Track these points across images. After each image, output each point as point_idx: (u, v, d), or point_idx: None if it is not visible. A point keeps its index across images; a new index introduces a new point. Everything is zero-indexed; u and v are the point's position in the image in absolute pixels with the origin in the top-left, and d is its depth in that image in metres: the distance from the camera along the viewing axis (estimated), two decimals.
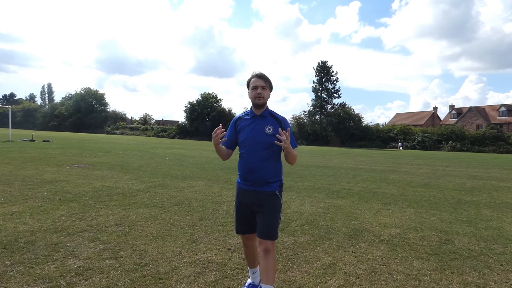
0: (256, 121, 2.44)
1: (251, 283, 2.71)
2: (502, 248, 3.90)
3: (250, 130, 2.43)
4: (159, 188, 6.83)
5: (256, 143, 2.39)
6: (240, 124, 2.52)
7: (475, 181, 10.29)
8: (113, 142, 26.88)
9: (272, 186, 2.42)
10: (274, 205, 2.40)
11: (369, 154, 25.34)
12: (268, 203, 2.39)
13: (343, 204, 6.08)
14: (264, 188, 2.40)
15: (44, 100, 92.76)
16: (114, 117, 66.59)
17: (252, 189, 2.42)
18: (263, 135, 2.39)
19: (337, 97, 48.43)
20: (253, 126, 2.43)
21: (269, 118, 2.45)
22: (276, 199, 2.42)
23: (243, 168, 2.44)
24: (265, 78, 2.43)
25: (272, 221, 2.38)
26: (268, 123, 2.42)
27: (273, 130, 2.37)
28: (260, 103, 2.40)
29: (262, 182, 2.39)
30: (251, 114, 2.49)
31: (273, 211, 2.39)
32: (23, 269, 2.85)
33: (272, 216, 2.38)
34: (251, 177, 2.41)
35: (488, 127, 43.84)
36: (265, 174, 2.39)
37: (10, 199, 5.28)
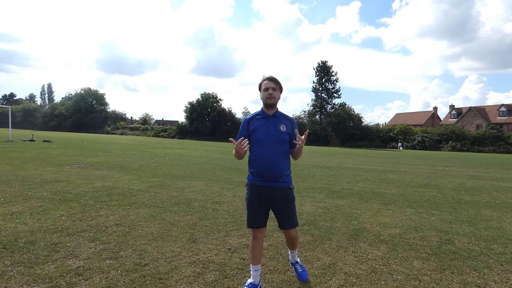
0: (270, 120, 2.63)
1: (252, 283, 2.66)
2: (502, 248, 3.90)
3: (266, 129, 2.60)
4: (159, 188, 6.83)
5: (273, 141, 2.58)
6: (253, 124, 2.67)
7: (475, 181, 10.29)
8: (113, 142, 26.88)
9: (287, 180, 2.67)
10: (291, 198, 2.68)
11: (369, 154, 25.34)
12: (286, 197, 2.65)
13: (343, 204, 6.08)
14: (280, 184, 2.62)
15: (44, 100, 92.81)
16: (114, 117, 66.56)
17: (268, 185, 2.60)
18: (278, 133, 2.60)
19: (337, 97, 48.44)
20: (268, 125, 2.61)
21: (280, 118, 2.67)
22: (292, 193, 2.71)
23: (260, 165, 2.58)
24: (276, 80, 2.64)
25: (293, 212, 2.70)
26: (281, 122, 2.64)
27: (287, 129, 2.63)
28: (271, 103, 2.60)
29: (279, 177, 2.59)
30: (263, 114, 2.67)
31: (291, 203, 2.68)
32: (23, 269, 2.85)
33: (293, 208, 2.69)
34: (270, 173, 2.57)
35: (488, 127, 43.83)
36: (282, 169, 2.61)
37: (10, 199, 5.28)
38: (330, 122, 46.30)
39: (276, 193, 2.61)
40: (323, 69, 47.96)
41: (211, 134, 48.37)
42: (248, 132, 2.67)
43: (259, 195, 2.64)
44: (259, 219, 2.66)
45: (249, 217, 2.69)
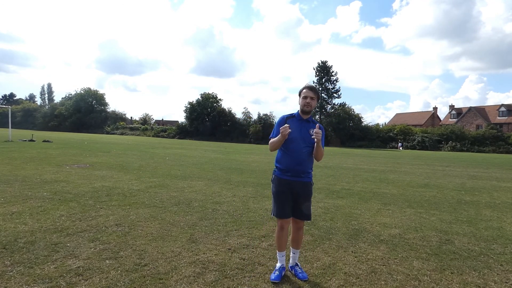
0: (303, 124, 2.97)
1: (282, 266, 3.01)
2: (502, 248, 3.90)
3: (299, 130, 2.93)
4: (159, 188, 6.83)
5: (304, 141, 2.91)
6: (289, 122, 2.95)
7: (475, 181, 10.29)
8: (113, 142, 26.88)
9: (309, 176, 3.01)
10: (310, 192, 3.04)
11: (369, 154, 25.34)
12: (307, 191, 2.99)
13: (343, 204, 6.08)
14: (304, 179, 2.97)
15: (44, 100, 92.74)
16: (114, 117, 66.52)
17: (295, 179, 2.93)
18: (308, 136, 2.93)
19: (337, 97, 48.48)
20: (301, 127, 2.95)
21: (311, 124, 3.00)
22: (311, 187, 3.05)
23: (291, 162, 2.93)
24: (315, 90, 2.97)
25: (309, 205, 3.05)
26: (312, 127, 2.95)
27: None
28: (307, 110, 2.95)
29: (304, 173, 2.95)
30: (299, 117, 3.01)
31: (310, 197, 3.04)
32: (23, 269, 2.85)
33: (309, 201, 3.04)
34: (297, 168, 2.92)
35: (488, 127, 43.84)
36: (307, 166, 2.97)
37: (10, 199, 5.28)
38: (330, 122, 46.31)
39: (300, 187, 2.94)
40: (323, 69, 47.99)
41: (211, 134, 48.34)
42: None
43: (285, 188, 2.95)
44: (286, 209, 2.97)
45: (277, 208, 2.99)
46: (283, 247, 3.05)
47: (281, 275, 2.93)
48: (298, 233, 3.10)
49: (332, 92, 48.27)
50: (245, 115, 51.55)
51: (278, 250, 3.05)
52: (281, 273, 2.94)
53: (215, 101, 51.83)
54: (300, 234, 3.11)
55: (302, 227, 3.11)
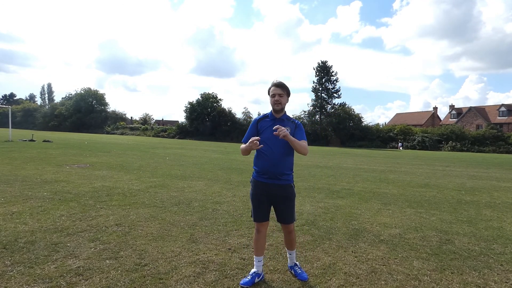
0: (276, 123, 2.77)
1: (255, 272, 2.87)
2: (502, 248, 3.90)
3: (272, 131, 2.71)
4: (159, 188, 6.83)
5: (277, 142, 2.73)
6: (261, 124, 2.89)
7: (475, 181, 10.29)
8: (113, 142, 26.88)
9: (288, 178, 2.85)
10: (291, 196, 2.88)
11: (369, 154, 25.34)
12: (287, 194, 2.85)
13: (343, 204, 6.08)
14: (282, 181, 2.81)
15: (44, 100, 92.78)
16: (114, 117, 66.50)
17: (271, 182, 2.80)
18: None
19: (337, 97, 48.44)
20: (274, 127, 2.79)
21: (286, 122, 2.84)
22: (292, 190, 2.90)
23: (265, 164, 2.79)
24: (282, 86, 2.81)
25: (291, 208, 2.90)
26: (286, 125, 2.79)
27: (291, 131, 2.77)
28: (278, 108, 2.81)
29: (281, 175, 2.79)
30: (272, 117, 2.87)
31: (291, 200, 2.89)
32: (23, 269, 2.85)
33: (290, 204, 2.89)
34: (272, 170, 2.78)
35: (488, 127, 43.82)
36: (283, 167, 2.80)
37: (10, 199, 5.28)
38: (330, 122, 46.30)
39: (277, 190, 2.82)
40: (323, 69, 47.96)
41: (211, 134, 48.33)
42: (256, 132, 2.90)
43: (262, 191, 2.85)
44: (262, 213, 2.88)
45: (254, 211, 2.91)
46: (260, 251, 2.90)
47: (253, 281, 2.77)
48: (289, 237, 3.00)
49: (332, 92, 48.24)
50: (245, 115, 51.58)
51: (255, 255, 2.91)
52: (253, 280, 2.79)
53: (215, 101, 51.82)
54: (292, 237, 3.00)
55: (292, 230, 2.98)
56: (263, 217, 2.88)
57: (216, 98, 52.30)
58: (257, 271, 2.87)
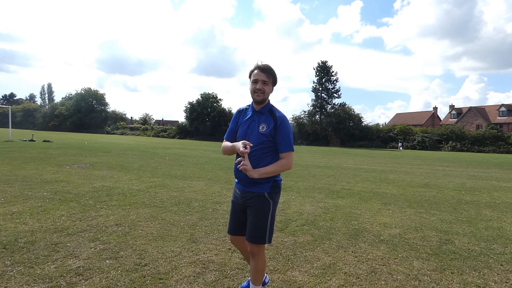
0: (254, 117, 2.28)
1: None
2: (502, 248, 3.90)
3: (246, 127, 2.29)
4: (159, 188, 6.83)
5: (249, 140, 2.21)
6: (240, 118, 2.38)
7: (475, 181, 10.29)
8: (113, 142, 26.88)
9: (262, 187, 2.24)
10: (261, 208, 2.24)
11: (369, 154, 25.34)
12: (256, 205, 2.24)
13: (343, 204, 6.08)
14: (253, 189, 2.25)
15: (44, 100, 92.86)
16: (114, 117, 66.47)
17: (242, 188, 2.31)
18: (256, 133, 2.23)
19: (337, 97, 48.40)
20: (250, 122, 2.29)
21: (266, 115, 2.25)
22: (264, 201, 2.24)
23: (235, 165, 2.25)
24: (269, 71, 2.22)
25: (258, 224, 2.23)
26: (264, 121, 2.23)
27: (267, 129, 2.21)
28: (259, 99, 2.22)
29: (250, 181, 2.22)
30: (251, 108, 2.32)
31: (260, 214, 2.24)
32: (23, 269, 2.85)
33: (258, 219, 2.23)
34: (240, 175, 2.25)
35: (488, 127, 43.81)
36: None
37: (10, 199, 5.28)
38: (330, 122, 46.27)
39: (246, 197, 2.28)
40: (323, 69, 47.94)
41: (211, 134, 48.31)
42: (236, 125, 2.40)
43: (235, 198, 2.40)
44: (233, 224, 2.42)
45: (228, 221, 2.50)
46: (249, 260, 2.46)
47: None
48: (252, 261, 2.29)
49: (332, 92, 48.21)
50: None
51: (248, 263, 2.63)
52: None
53: (215, 101, 51.80)
54: (255, 263, 2.28)
55: (256, 253, 2.25)
56: (234, 229, 2.41)
57: (216, 98, 52.29)
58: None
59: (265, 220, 2.24)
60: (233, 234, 2.45)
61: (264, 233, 2.24)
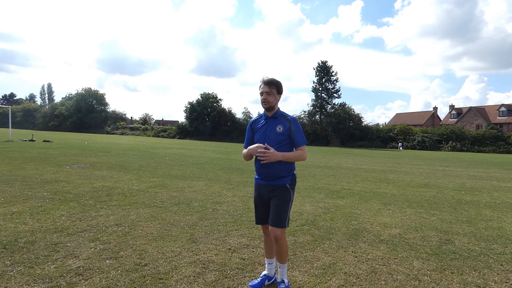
0: (269, 122, 2.73)
1: (266, 274, 2.84)
2: (502, 248, 3.90)
3: (263, 131, 2.73)
4: (159, 188, 6.83)
5: (269, 141, 2.65)
6: (255, 126, 2.83)
7: (475, 181, 10.29)
8: (113, 142, 26.88)
9: (284, 179, 2.69)
10: (284, 197, 2.67)
11: (369, 154, 25.34)
12: (279, 195, 2.67)
13: (343, 204, 6.08)
14: (276, 182, 2.67)
15: (44, 100, 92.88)
16: (114, 117, 66.50)
17: (266, 183, 2.70)
18: (274, 134, 2.67)
19: (337, 97, 48.39)
20: (266, 126, 2.73)
21: (280, 118, 2.72)
22: (287, 191, 2.69)
23: (259, 165, 2.70)
24: (271, 83, 2.68)
25: (281, 211, 2.63)
26: (279, 123, 2.69)
27: (283, 129, 2.67)
28: (265, 107, 2.70)
29: (275, 177, 2.66)
30: (264, 116, 2.79)
31: (283, 202, 2.65)
32: (23, 269, 2.85)
33: (281, 206, 2.64)
34: (265, 171, 2.67)
35: (488, 127, 43.81)
36: (277, 169, 2.65)
37: (10, 199, 5.28)
38: (330, 122, 46.27)
39: (271, 190, 2.70)
40: (323, 69, 47.94)
41: (211, 134, 48.33)
42: (252, 133, 2.86)
43: (258, 192, 2.80)
44: (262, 215, 2.80)
45: (255, 214, 2.87)
46: (270, 254, 2.84)
47: (262, 283, 2.75)
48: (277, 245, 2.66)
49: (332, 92, 48.19)
50: (245, 115, 51.55)
51: (265, 257, 2.90)
52: (263, 282, 2.76)
53: (215, 101, 51.82)
54: (280, 245, 2.64)
55: (280, 237, 2.61)
56: (262, 220, 2.80)
57: (216, 98, 52.31)
58: (268, 274, 2.83)
59: (286, 207, 2.67)
60: (263, 224, 2.82)
61: (286, 218, 2.66)
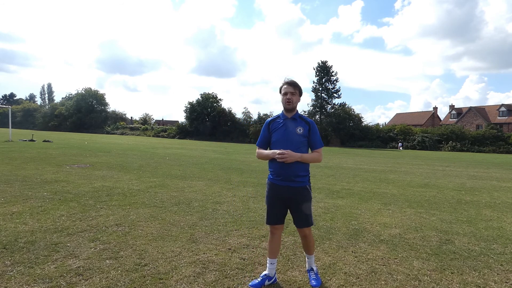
0: (288, 123, 2.77)
1: (267, 274, 2.83)
2: (502, 248, 3.90)
3: (283, 131, 2.76)
4: (159, 188, 6.83)
5: (289, 142, 2.70)
6: (272, 126, 2.84)
7: (475, 181, 10.29)
8: (113, 142, 26.88)
9: (304, 181, 2.76)
10: (306, 198, 2.78)
11: (369, 154, 25.34)
12: (302, 197, 2.76)
13: (343, 204, 6.08)
14: (296, 184, 2.73)
15: (44, 100, 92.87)
16: (114, 117, 66.49)
17: (285, 184, 2.73)
18: (295, 135, 2.73)
19: (337, 97, 48.39)
20: (286, 127, 2.76)
21: (299, 120, 2.79)
22: (307, 192, 2.79)
23: (277, 165, 2.72)
24: (295, 84, 2.77)
25: (306, 212, 2.79)
26: (299, 125, 2.76)
27: (303, 131, 2.75)
28: (289, 107, 2.75)
29: (294, 177, 2.72)
30: (283, 117, 2.81)
31: (306, 203, 2.78)
32: (23, 269, 2.85)
33: (306, 208, 2.78)
34: (285, 172, 2.70)
35: (488, 127, 43.79)
36: (296, 169, 2.71)
37: (10, 199, 5.28)
38: (330, 122, 46.26)
39: (291, 192, 2.73)
40: (323, 69, 47.94)
41: (211, 134, 48.32)
42: (269, 133, 2.86)
43: (276, 193, 2.79)
44: (276, 216, 2.82)
45: (268, 214, 2.87)
46: (273, 253, 2.86)
47: (262, 283, 2.75)
48: (306, 240, 2.91)
49: (332, 92, 48.18)
50: (245, 115, 51.52)
51: (268, 256, 2.89)
52: (263, 282, 2.76)
53: (215, 101, 51.80)
54: (308, 240, 2.90)
55: (308, 234, 2.87)
56: (276, 220, 2.82)
57: (216, 98, 52.28)
58: (268, 274, 2.83)
59: (310, 207, 2.83)
60: (275, 224, 2.85)
61: (311, 217, 2.85)
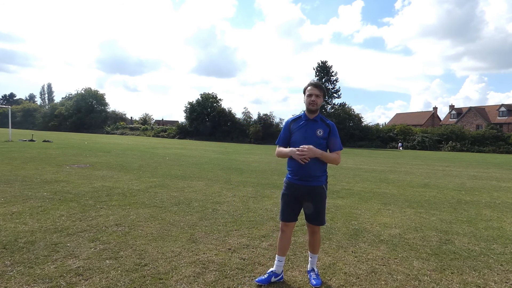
0: (309, 124, 2.82)
1: (273, 271, 2.86)
2: (502, 248, 3.90)
3: (303, 132, 2.81)
4: (159, 188, 6.83)
5: (307, 143, 2.73)
6: (293, 126, 2.89)
7: (475, 181, 10.29)
8: (113, 142, 26.87)
9: (320, 180, 2.84)
10: (321, 197, 2.85)
11: (369, 154, 25.33)
12: (317, 195, 2.82)
13: (343, 204, 6.08)
14: (313, 183, 2.80)
15: (43, 100, 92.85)
16: (114, 117, 66.46)
17: (302, 184, 2.79)
18: (314, 137, 2.79)
19: (337, 97, 48.38)
20: (306, 128, 2.82)
21: (320, 122, 2.84)
22: (323, 191, 2.87)
23: (296, 165, 2.77)
24: (320, 87, 2.82)
25: (320, 210, 2.86)
26: (319, 127, 2.82)
27: (323, 133, 2.81)
28: (313, 109, 2.79)
29: (312, 176, 2.78)
30: (305, 117, 2.86)
31: (321, 202, 2.85)
32: (23, 269, 2.85)
33: (320, 206, 2.85)
34: (303, 172, 2.76)
35: (488, 127, 43.79)
36: (315, 170, 2.78)
37: (10, 199, 5.28)
38: None
39: (308, 191, 2.80)
40: (323, 69, 47.93)
41: (211, 134, 48.29)
42: (289, 133, 2.91)
43: (292, 192, 2.85)
44: (290, 213, 2.87)
45: (282, 211, 2.90)
46: (282, 251, 2.90)
47: (269, 280, 2.79)
48: (313, 237, 2.97)
49: (332, 92, 48.17)
50: (245, 115, 51.46)
51: (277, 254, 2.92)
52: (269, 278, 2.80)
53: (215, 101, 51.76)
54: (316, 238, 2.96)
55: (317, 231, 2.96)
56: (289, 217, 2.87)
57: (216, 98, 52.25)
58: (275, 271, 2.86)
59: (324, 205, 2.90)
60: (288, 221, 2.89)
61: (324, 216, 2.93)
